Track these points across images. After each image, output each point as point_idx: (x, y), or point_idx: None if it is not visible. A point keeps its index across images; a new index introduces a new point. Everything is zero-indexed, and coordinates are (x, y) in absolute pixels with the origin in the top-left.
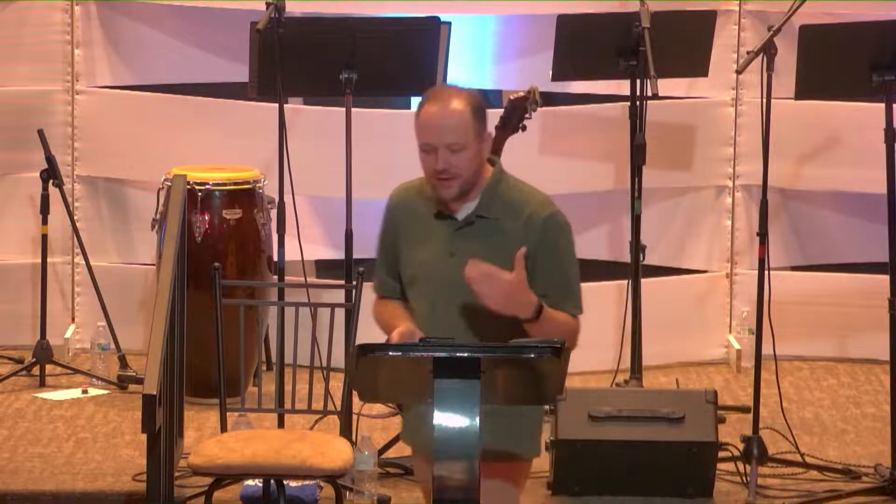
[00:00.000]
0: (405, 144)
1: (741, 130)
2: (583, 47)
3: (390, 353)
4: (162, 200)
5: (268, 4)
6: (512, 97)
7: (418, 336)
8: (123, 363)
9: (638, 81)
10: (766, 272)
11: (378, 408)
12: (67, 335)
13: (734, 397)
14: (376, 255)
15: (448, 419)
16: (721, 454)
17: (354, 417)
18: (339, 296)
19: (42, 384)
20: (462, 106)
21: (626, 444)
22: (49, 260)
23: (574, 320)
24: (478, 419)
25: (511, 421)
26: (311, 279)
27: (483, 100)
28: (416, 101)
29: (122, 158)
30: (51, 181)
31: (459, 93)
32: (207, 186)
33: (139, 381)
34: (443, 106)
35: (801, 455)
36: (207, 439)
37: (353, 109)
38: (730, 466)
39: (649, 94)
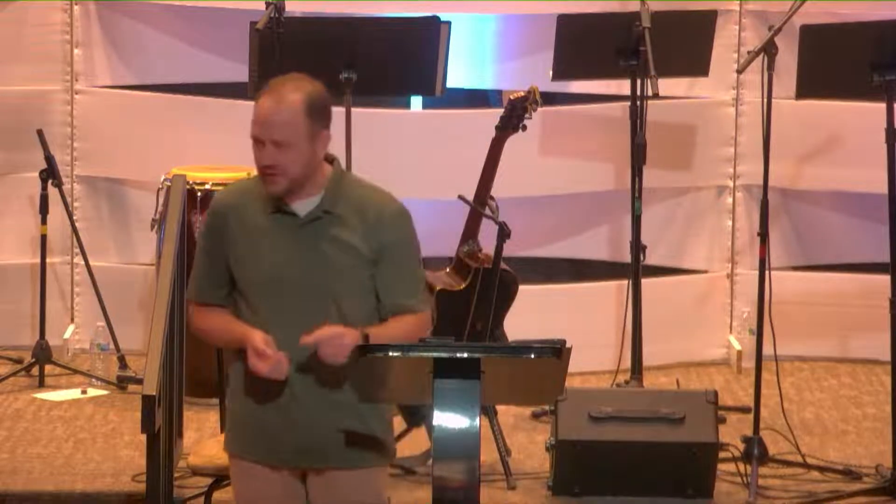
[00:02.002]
0: (405, 144)
1: (742, 130)
2: (583, 47)
3: (390, 354)
4: (162, 200)
5: (268, 4)
6: (512, 97)
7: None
8: (123, 363)
9: (638, 81)
10: (767, 272)
11: None
12: (67, 335)
13: (735, 398)
14: (196, 261)
15: (448, 419)
16: (721, 454)
17: None
18: None
19: (41, 384)
20: (295, 103)
21: (626, 444)
22: (48, 260)
23: (417, 318)
24: (478, 419)
25: (371, 406)
26: None
27: (326, 98)
28: (416, 101)
29: (121, 158)
30: (50, 181)
31: (298, 88)
32: (207, 186)
33: (138, 382)
34: (276, 101)
35: (802, 455)
36: (207, 439)
37: (353, 109)
38: (730, 467)
39: (649, 93)
